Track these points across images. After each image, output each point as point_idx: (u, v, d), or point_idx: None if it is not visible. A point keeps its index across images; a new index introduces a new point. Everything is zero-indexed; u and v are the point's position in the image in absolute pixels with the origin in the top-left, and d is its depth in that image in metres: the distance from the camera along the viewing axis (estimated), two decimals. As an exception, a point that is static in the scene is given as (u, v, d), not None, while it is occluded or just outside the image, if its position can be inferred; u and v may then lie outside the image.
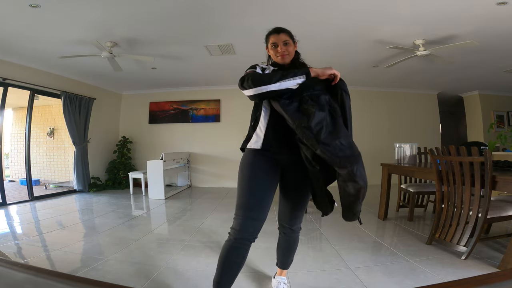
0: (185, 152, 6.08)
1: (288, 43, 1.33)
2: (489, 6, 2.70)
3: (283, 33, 1.34)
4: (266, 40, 1.39)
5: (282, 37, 1.33)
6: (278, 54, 1.33)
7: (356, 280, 1.74)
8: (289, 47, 1.34)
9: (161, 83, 5.92)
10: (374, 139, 6.20)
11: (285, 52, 1.33)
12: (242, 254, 1.23)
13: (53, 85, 4.79)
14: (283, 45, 1.33)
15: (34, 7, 2.67)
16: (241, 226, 1.20)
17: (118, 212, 3.66)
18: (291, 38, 1.35)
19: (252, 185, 1.24)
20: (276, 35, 1.33)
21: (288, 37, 1.34)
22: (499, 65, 4.57)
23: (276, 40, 1.33)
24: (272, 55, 1.38)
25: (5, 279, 0.38)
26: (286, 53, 1.33)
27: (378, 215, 3.26)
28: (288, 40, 1.34)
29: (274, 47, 1.34)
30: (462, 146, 2.04)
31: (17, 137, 6.64)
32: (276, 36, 1.33)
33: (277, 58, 1.35)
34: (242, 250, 1.22)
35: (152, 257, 2.14)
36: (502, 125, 6.28)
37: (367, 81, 5.78)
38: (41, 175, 6.33)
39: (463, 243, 2.03)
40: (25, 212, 3.66)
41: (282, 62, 1.36)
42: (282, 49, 1.32)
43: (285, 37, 1.33)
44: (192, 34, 3.43)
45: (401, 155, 3.19)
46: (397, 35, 3.44)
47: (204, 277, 1.81)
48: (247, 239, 1.21)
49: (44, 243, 2.46)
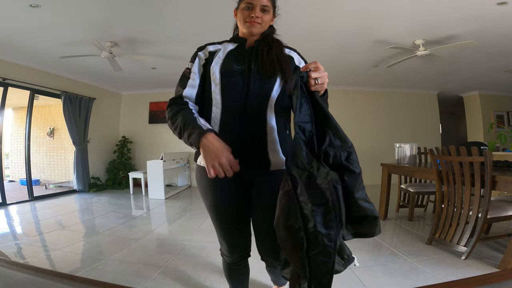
0: (185, 152, 6.07)
1: (266, 11, 0.99)
2: (489, 6, 2.69)
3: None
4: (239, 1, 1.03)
5: (264, 0, 0.98)
6: (248, 19, 0.98)
7: (356, 280, 1.74)
8: (266, 15, 1.00)
9: (161, 83, 5.91)
10: (374, 139, 6.20)
11: (257, 19, 0.98)
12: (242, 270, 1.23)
13: (53, 85, 4.79)
14: (260, 10, 0.98)
15: (34, 7, 2.67)
16: (228, 252, 1.14)
17: (118, 212, 3.66)
18: (272, 7, 1.03)
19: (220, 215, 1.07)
20: None
21: (270, 3, 1.01)
22: (499, 65, 4.56)
23: (253, 1, 0.97)
24: (239, 19, 1.02)
25: (5, 279, 0.38)
26: (258, 21, 0.98)
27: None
28: (269, 7, 1.00)
29: (247, 9, 0.98)
30: (462, 146, 2.04)
31: (17, 137, 6.64)
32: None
33: (245, 24, 0.99)
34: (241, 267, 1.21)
35: (152, 257, 2.14)
36: (502, 125, 6.28)
37: (367, 81, 5.78)
38: (41, 175, 6.33)
39: (463, 243, 2.03)
40: (25, 212, 3.66)
41: (249, 31, 1.00)
42: (256, 14, 0.97)
43: (267, 2, 0.99)
44: (192, 34, 3.43)
45: (401, 155, 3.18)
46: (397, 35, 3.43)
47: (204, 277, 1.81)
48: (240, 260, 1.17)
49: (44, 243, 2.46)
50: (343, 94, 6.19)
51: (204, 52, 1.05)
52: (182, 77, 1.03)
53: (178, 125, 0.92)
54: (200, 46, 1.08)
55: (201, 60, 1.03)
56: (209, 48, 1.05)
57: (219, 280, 1.77)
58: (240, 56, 1.01)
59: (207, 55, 1.03)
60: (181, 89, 1.00)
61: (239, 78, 0.97)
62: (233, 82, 0.97)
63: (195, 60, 1.04)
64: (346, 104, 6.20)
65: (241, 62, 1.00)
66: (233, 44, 1.06)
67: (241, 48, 1.03)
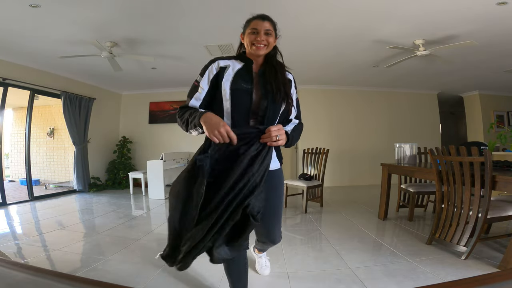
0: (185, 152, 6.07)
1: (269, 34, 1.17)
2: (489, 6, 2.69)
3: (268, 21, 1.17)
4: (246, 26, 1.21)
5: (266, 25, 1.16)
6: (255, 42, 1.15)
7: (356, 280, 1.74)
8: (269, 37, 1.17)
9: (161, 83, 5.92)
10: (374, 139, 6.20)
11: (264, 42, 1.15)
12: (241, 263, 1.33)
13: (53, 85, 4.79)
14: (264, 34, 1.15)
15: (34, 7, 2.67)
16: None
17: (118, 212, 3.66)
18: (274, 30, 1.19)
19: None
20: (260, 21, 1.16)
21: (272, 27, 1.18)
22: (499, 65, 4.57)
23: (258, 26, 1.15)
24: (247, 43, 1.18)
25: (5, 279, 0.38)
26: (265, 44, 1.15)
27: (378, 215, 3.26)
28: (271, 30, 1.17)
29: (253, 33, 1.15)
30: (462, 146, 2.04)
31: (17, 137, 6.64)
32: (259, 22, 1.16)
33: (252, 47, 1.16)
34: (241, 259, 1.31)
35: (152, 257, 2.14)
36: (502, 125, 6.28)
37: (367, 81, 5.78)
38: (41, 175, 6.32)
39: (463, 243, 2.03)
40: (25, 212, 3.66)
41: (256, 53, 1.17)
42: (262, 38, 1.14)
43: (269, 25, 1.16)
44: (192, 34, 3.44)
45: (401, 155, 3.18)
46: (397, 35, 3.43)
47: (204, 277, 1.81)
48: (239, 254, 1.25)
49: (44, 243, 2.46)
50: (343, 94, 6.19)
51: (215, 66, 1.19)
52: (191, 88, 1.22)
53: (185, 117, 1.13)
54: (211, 59, 1.22)
55: (211, 73, 1.19)
56: (220, 63, 1.20)
57: (219, 280, 1.77)
58: (247, 76, 1.18)
59: (218, 69, 1.18)
60: (189, 99, 1.21)
61: (246, 95, 1.15)
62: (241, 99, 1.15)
63: (204, 74, 1.19)
64: (346, 104, 6.20)
65: (247, 82, 1.17)
66: (240, 63, 1.21)
67: (248, 68, 1.19)
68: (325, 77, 5.46)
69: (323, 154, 3.75)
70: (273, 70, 1.19)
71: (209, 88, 1.18)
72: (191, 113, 1.11)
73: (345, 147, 6.08)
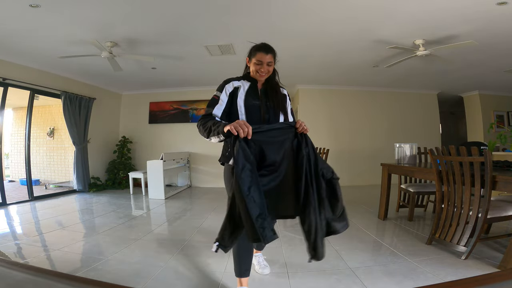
0: (185, 152, 6.08)
1: (270, 64, 1.44)
2: (489, 6, 2.69)
3: (270, 54, 1.43)
4: (251, 53, 1.46)
5: (269, 58, 1.42)
6: (259, 72, 1.43)
7: (356, 280, 1.74)
8: (270, 67, 1.45)
9: (161, 83, 5.92)
10: (374, 139, 6.20)
11: (266, 71, 1.44)
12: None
13: (53, 85, 4.79)
14: (267, 65, 1.43)
15: (34, 7, 2.67)
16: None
17: (118, 212, 3.66)
18: (274, 60, 1.46)
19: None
20: (264, 54, 1.41)
21: (273, 58, 1.44)
22: (499, 65, 4.57)
23: (262, 59, 1.41)
24: (252, 70, 1.46)
25: (5, 279, 0.38)
26: (266, 73, 1.45)
27: (378, 215, 3.26)
28: (272, 62, 1.44)
29: (257, 64, 1.43)
30: (462, 146, 2.04)
31: (17, 137, 6.64)
32: (263, 55, 1.41)
33: (256, 74, 1.45)
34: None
35: (152, 257, 2.14)
36: (502, 125, 6.28)
37: (367, 81, 5.78)
38: (41, 175, 6.32)
39: (463, 243, 2.03)
40: (25, 212, 3.66)
41: (260, 79, 1.48)
42: (265, 69, 1.43)
43: (270, 58, 1.42)
44: (192, 34, 3.44)
45: (401, 155, 3.18)
46: (397, 35, 3.43)
47: (204, 277, 1.81)
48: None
49: (44, 243, 2.46)
50: (343, 94, 6.19)
51: (231, 85, 1.46)
52: (211, 101, 1.44)
53: (208, 126, 1.29)
54: (225, 80, 1.49)
55: (228, 90, 1.45)
56: (234, 83, 1.47)
57: (219, 280, 1.77)
58: (254, 94, 1.48)
59: (233, 88, 1.46)
60: (211, 109, 1.41)
61: (256, 109, 1.45)
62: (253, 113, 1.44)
63: (222, 90, 1.45)
64: (346, 104, 6.20)
65: (255, 98, 1.46)
66: (247, 82, 1.50)
67: (254, 87, 1.49)
68: (325, 77, 5.46)
69: (323, 154, 3.75)
70: (273, 90, 1.51)
71: (227, 101, 1.43)
72: (215, 122, 1.28)
73: (345, 147, 6.08)
